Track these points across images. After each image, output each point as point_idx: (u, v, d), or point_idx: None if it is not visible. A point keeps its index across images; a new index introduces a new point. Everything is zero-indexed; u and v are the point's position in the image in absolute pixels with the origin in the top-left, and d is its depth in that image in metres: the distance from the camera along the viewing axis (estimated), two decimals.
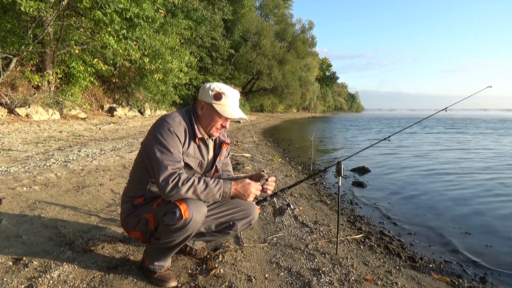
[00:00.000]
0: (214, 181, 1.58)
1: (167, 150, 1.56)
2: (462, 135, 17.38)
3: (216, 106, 1.69)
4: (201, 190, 1.53)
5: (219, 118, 1.72)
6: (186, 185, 1.51)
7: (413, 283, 2.18)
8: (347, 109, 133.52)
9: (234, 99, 1.74)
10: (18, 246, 2.06)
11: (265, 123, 25.89)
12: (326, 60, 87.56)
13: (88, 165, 4.62)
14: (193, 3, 18.57)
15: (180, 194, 1.51)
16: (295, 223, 3.02)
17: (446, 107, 2.79)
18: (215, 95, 1.69)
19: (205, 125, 1.75)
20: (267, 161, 6.58)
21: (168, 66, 14.48)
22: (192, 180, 1.53)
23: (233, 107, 1.73)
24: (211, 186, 1.55)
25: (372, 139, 14.49)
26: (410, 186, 5.55)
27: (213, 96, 1.69)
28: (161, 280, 1.74)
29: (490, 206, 4.42)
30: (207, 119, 1.74)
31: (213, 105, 1.69)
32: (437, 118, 41.70)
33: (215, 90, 1.69)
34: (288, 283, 1.90)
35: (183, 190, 1.50)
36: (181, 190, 1.50)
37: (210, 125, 1.74)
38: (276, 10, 41.92)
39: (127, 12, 9.22)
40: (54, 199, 3.04)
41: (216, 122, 1.74)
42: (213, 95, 1.69)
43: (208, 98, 1.70)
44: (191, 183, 1.52)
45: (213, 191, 1.56)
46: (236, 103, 1.76)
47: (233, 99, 1.73)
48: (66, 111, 11.15)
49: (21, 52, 9.17)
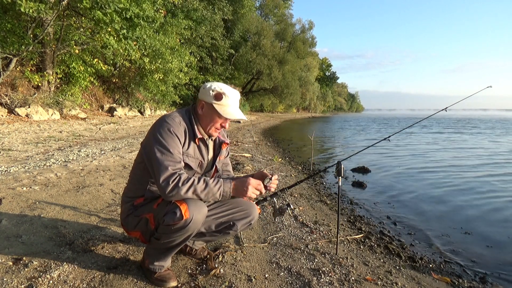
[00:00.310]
0: (214, 180, 1.58)
1: (167, 150, 1.56)
2: (462, 135, 17.38)
3: (216, 106, 1.69)
4: (201, 189, 1.53)
5: (219, 118, 1.72)
6: (186, 185, 1.50)
7: (413, 283, 2.18)
8: (347, 109, 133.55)
9: (235, 100, 1.74)
10: (18, 246, 2.06)
11: (265, 123, 25.89)
12: (326, 60, 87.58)
13: (88, 165, 4.62)
14: (193, 3, 18.57)
15: (180, 194, 1.50)
16: (295, 223, 3.02)
17: (446, 107, 2.79)
18: (216, 95, 1.68)
19: (205, 124, 1.75)
20: (267, 161, 6.58)
21: (168, 66, 14.49)
22: (192, 180, 1.53)
23: (233, 107, 1.73)
24: (211, 185, 1.55)
25: (372, 139, 14.50)
26: (410, 186, 5.55)
27: (213, 96, 1.69)
28: (161, 280, 1.74)
29: (490, 207, 4.42)
30: (207, 118, 1.74)
31: (214, 105, 1.69)
32: (437, 118, 41.70)
33: (216, 90, 1.69)
34: (288, 283, 1.90)
35: (183, 190, 1.50)
36: (181, 190, 1.49)
37: (210, 125, 1.74)
38: (276, 10, 41.93)
39: (127, 11, 9.22)
40: (54, 199, 3.04)
41: (216, 122, 1.73)
42: (214, 95, 1.69)
43: (208, 98, 1.70)
44: (191, 183, 1.52)
45: (213, 190, 1.55)
46: (237, 103, 1.76)
47: (234, 99, 1.73)
48: (66, 111, 11.15)
49: (21, 52, 9.17)
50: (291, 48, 41.24)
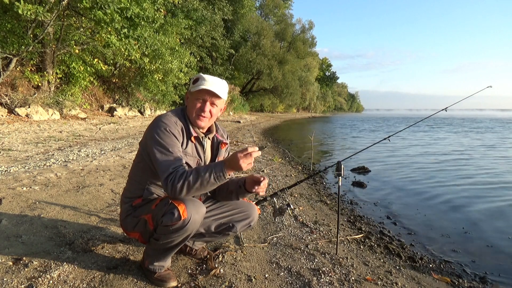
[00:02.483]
0: (204, 168, 1.50)
1: (166, 150, 1.55)
2: (461, 135, 17.38)
3: (192, 88, 1.70)
4: (194, 181, 1.46)
5: (196, 100, 1.69)
6: (180, 181, 1.46)
7: (413, 283, 2.18)
8: (347, 109, 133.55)
9: (211, 81, 1.67)
10: (18, 246, 2.06)
11: (265, 123, 25.88)
12: (326, 60, 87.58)
13: (88, 165, 4.62)
14: (193, 3, 18.57)
15: (178, 192, 1.47)
16: (295, 223, 3.02)
17: (446, 107, 2.81)
18: (193, 80, 1.71)
19: (190, 115, 1.72)
20: (267, 161, 6.58)
21: (168, 66, 14.48)
22: (185, 175, 1.47)
23: (207, 84, 1.66)
24: (202, 173, 1.47)
25: (372, 139, 14.50)
26: (410, 186, 5.55)
27: (192, 82, 1.72)
28: (161, 280, 1.74)
29: (490, 207, 4.42)
30: (189, 106, 1.73)
31: (191, 89, 1.71)
32: (437, 118, 41.70)
33: (194, 77, 1.72)
34: (288, 283, 1.90)
35: (179, 186, 1.45)
36: (177, 187, 1.46)
37: (192, 111, 1.70)
38: (276, 10, 41.96)
39: (128, 11, 9.22)
40: (54, 199, 3.04)
41: (195, 105, 1.69)
42: (192, 82, 1.72)
43: (190, 87, 1.73)
44: (184, 178, 1.46)
45: (205, 177, 1.46)
46: (214, 83, 1.68)
47: (210, 80, 1.67)
48: (66, 111, 11.14)
49: (21, 52, 9.17)
50: (291, 48, 41.26)
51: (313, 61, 54.79)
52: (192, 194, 1.52)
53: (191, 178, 1.47)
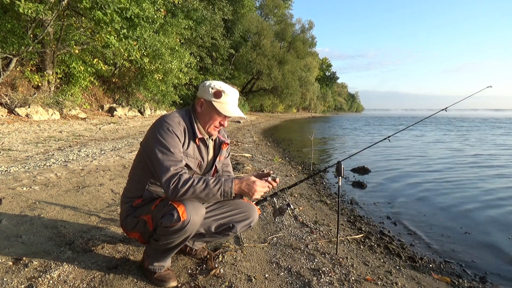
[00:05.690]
0: (214, 180, 1.56)
1: (168, 150, 1.56)
2: (461, 135, 17.37)
3: (215, 104, 1.69)
4: (200, 190, 1.51)
5: (218, 116, 1.72)
6: (185, 186, 1.49)
7: (413, 283, 2.18)
8: (347, 109, 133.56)
9: (234, 98, 1.74)
10: (18, 246, 2.06)
11: (265, 123, 25.88)
12: (326, 60, 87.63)
13: (88, 165, 4.62)
14: (193, 3, 18.58)
15: (180, 196, 1.50)
16: (295, 223, 3.02)
17: (446, 107, 2.81)
18: (215, 93, 1.68)
19: (204, 123, 1.75)
20: (267, 161, 6.58)
21: (168, 66, 14.49)
22: (191, 181, 1.51)
23: (233, 105, 1.73)
24: (211, 185, 1.53)
25: (372, 139, 14.49)
26: (410, 186, 5.55)
27: (213, 94, 1.69)
28: (161, 280, 1.74)
29: (490, 206, 4.42)
30: (206, 117, 1.73)
31: (213, 102, 1.69)
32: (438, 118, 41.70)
33: (215, 88, 1.69)
34: (288, 283, 1.90)
35: (182, 191, 1.49)
36: (181, 191, 1.49)
37: (209, 123, 1.74)
38: (276, 10, 41.97)
39: (127, 11, 9.22)
40: (54, 199, 3.04)
41: (215, 120, 1.73)
42: (213, 93, 1.68)
43: (207, 95, 1.70)
44: (191, 184, 1.50)
45: (213, 190, 1.53)
46: (235, 101, 1.76)
47: (233, 97, 1.73)
48: (66, 111, 11.15)
49: (21, 52, 9.17)
50: (291, 48, 41.25)
51: (313, 61, 54.82)
52: (190, 200, 1.55)
53: (198, 186, 1.51)
